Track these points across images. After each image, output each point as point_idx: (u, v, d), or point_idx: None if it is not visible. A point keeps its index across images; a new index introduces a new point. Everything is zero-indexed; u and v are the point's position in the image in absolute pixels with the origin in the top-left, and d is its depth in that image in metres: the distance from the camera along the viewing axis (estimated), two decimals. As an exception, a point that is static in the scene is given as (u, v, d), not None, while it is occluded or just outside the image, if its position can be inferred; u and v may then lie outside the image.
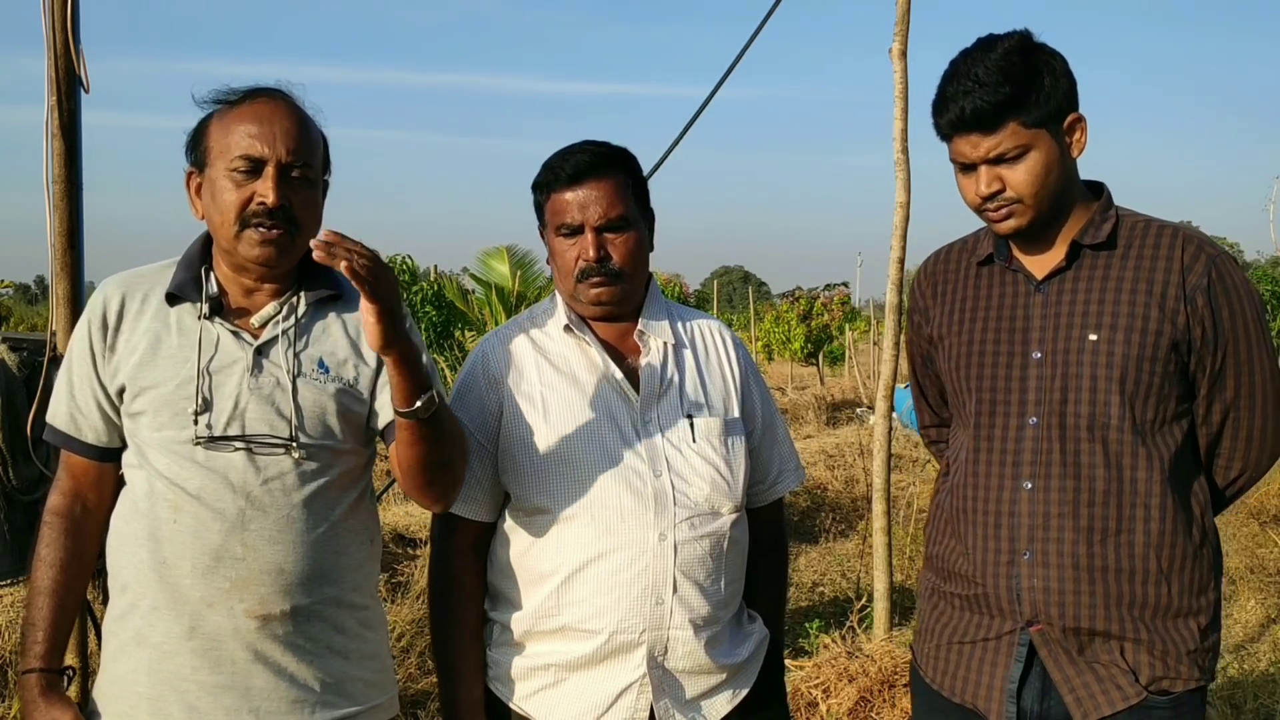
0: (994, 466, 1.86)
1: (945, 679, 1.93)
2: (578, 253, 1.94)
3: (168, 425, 1.72)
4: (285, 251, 1.75)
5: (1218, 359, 1.80)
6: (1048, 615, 1.80)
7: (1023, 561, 1.82)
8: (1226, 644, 5.14)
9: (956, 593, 1.93)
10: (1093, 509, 1.78)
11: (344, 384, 1.80)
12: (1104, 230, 1.83)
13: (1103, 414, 1.78)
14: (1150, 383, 1.78)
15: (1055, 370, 1.82)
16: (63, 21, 2.61)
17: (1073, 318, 1.82)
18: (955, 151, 1.82)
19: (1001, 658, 1.85)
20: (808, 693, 4.09)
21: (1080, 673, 1.81)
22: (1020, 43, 1.77)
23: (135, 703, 1.73)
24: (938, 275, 2.04)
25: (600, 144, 1.99)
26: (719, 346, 2.07)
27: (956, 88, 1.76)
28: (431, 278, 11.26)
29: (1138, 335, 1.77)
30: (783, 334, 20.07)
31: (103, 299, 1.79)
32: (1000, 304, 1.90)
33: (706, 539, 1.90)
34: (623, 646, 1.86)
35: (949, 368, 1.96)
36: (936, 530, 2.01)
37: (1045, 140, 1.76)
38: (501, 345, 2.02)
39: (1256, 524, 7.03)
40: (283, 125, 1.73)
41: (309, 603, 1.75)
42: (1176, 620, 1.80)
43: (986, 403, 1.88)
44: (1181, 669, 1.79)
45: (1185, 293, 1.77)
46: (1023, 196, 1.78)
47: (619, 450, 1.90)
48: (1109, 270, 1.82)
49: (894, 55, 4.31)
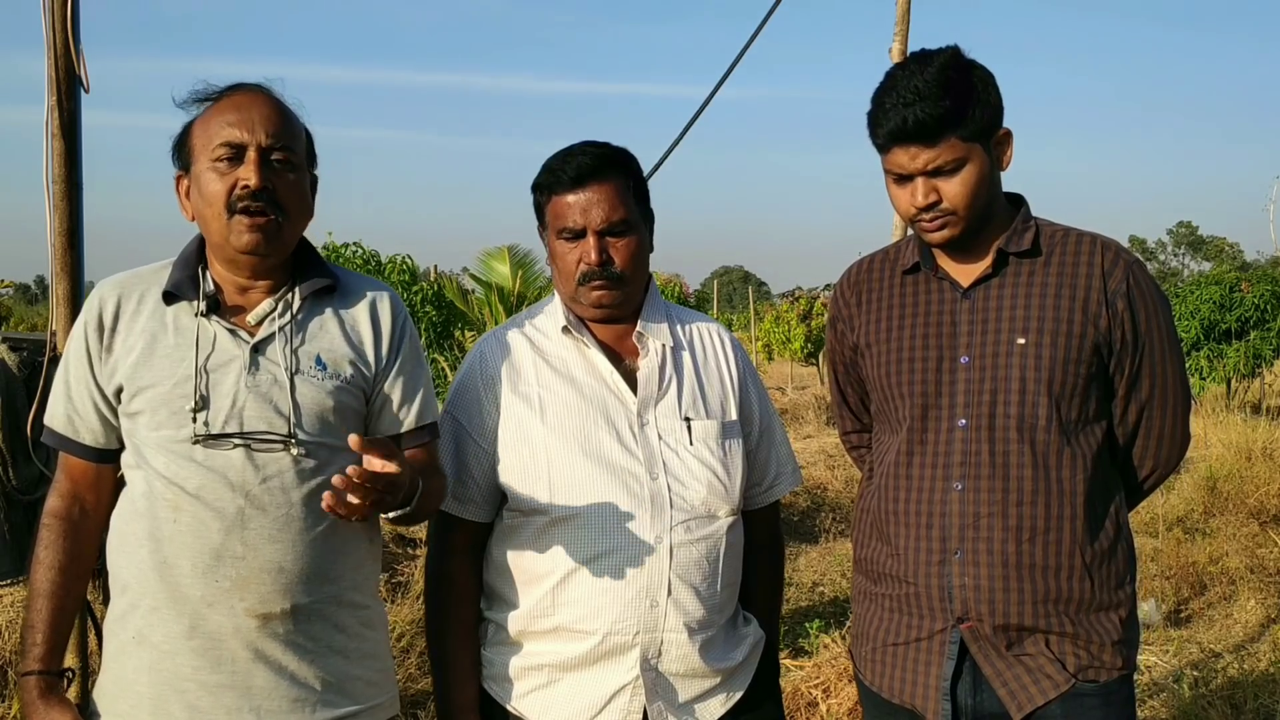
0: (925, 469, 1.91)
1: (884, 681, 1.97)
2: (579, 256, 1.94)
3: (165, 424, 1.72)
4: (274, 238, 1.75)
5: (1135, 360, 1.88)
6: (978, 612, 1.84)
7: (954, 560, 1.86)
8: (1226, 644, 5.14)
9: (886, 593, 1.96)
10: (1021, 508, 1.83)
11: (342, 381, 1.80)
12: (1026, 238, 1.89)
13: (1031, 415, 1.84)
14: (1075, 384, 1.84)
15: (984, 374, 1.87)
16: (63, 21, 2.61)
17: (1000, 323, 1.87)
18: (892, 162, 1.85)
19: (935, 656, 1.89)
20: (808, 693, 4.09)
21: (1010, 666, 1.85)
22: (954, 58, 1.81)
23: (136, 702, 1.73)
24: (861, 284, 2.08)
25: (601, 145, 1.98)
26: (717, 349, 2.08)
27: (896, 99, 1.79)
28: (431, 278, 11.24)
29: (1064, 339, 1.83)
30: (783, 334, 20.05)
31: (99, 300, 1.79)
32: (927, 310, 1.95)
33: (702, 542, 1.90)
34: (616, 648, 1.86)
35: (878, 374, 2.00)
36: (863, 534, 2.05)
37: (978, 154, 1.82)
38: (499, 346, 2.02)
39: (1256, 524, 7.03)
40: (261, 111, 1.74)
41: (309, 601, 1.75)
42: (1099, 614, 1.86)
43: (919, 407, 1.92)
44: (1104, 657, 1.85)
45: (1107, 297, 1.85)
46: (957, 208, 1.83)
47: (616, 452, 1.90)
48: (1033, 277, 1.88)
49: (894, 55, 4.31)
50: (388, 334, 1.87)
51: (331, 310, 1.84)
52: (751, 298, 27.55)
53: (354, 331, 1.84)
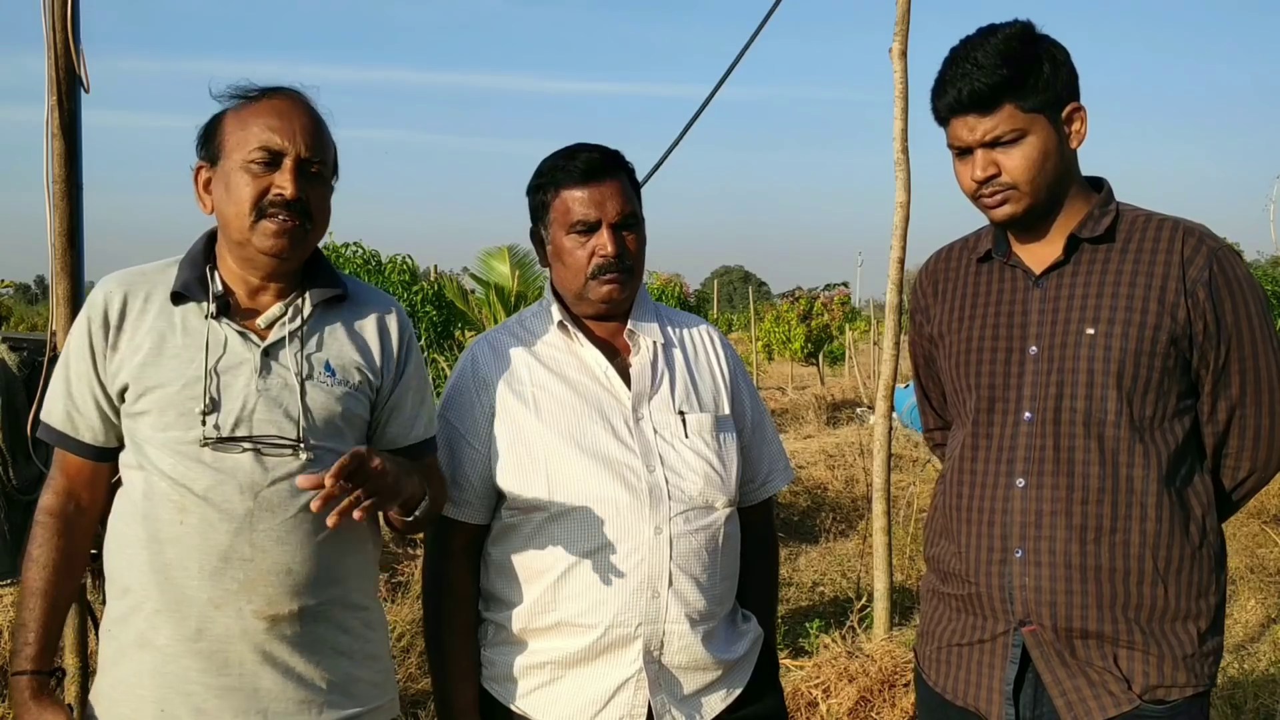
0: (989, 464, 1.85)
1: (947, 681, 1.93)
2: (592, 250, 1.94)
3: (173, 425, 1.71)
4: (299, 243, 1.75)
5: (1221, 354, 1.77)
6: (1039, 615, 1.78)
7: (1014, 560, 1.80)
8: (1226, 644, 5.13)
9: (952, 593, 1.92)
10: (1086, 507, 1.75)
11: (350, 387, 1.80)
12: (1103, 224, 1.80)
13: (1099, 409, 1.75)
14: (1149, 378, 1.75)
15: (1051, 365, 1.79)
16: (63, 21, 2.61)
17: (1070, 312, 1.79)
18: (952, 135, 1.81)
19: (998, 660, 1.83)
20: (808, 693, 4.09)
21: (1072, 676, 1.77)
22: (1022, 30, 1.77)
23: (139, 706, 1.72)
24: (939, 274, 2.03)
25: (601, 146, 2.00)
26: (707, 346, 2.09)
27: (956, 71, 1.76)
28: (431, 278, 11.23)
29: (1135, 329, 1.74)
30: (783, 334, 20.06)
31: (104, 296, 1.77)
32: (999, 300, 1.89)
33: (701, 533, 1.91)
34: (619, 641, 1.86)
35: (948, 365, 1.95)
36: (933, 532, 2.00)
37: (1042, 126, 1.75)
38: (491, 348, 2.03)
39: (1257, 524, 7.03)
40: (301, 121, 1.74)
41: (315, 603, 1.75)
42: (1174, 623, 1.76)
43: (985, 399, 1.86)
44: (1178, 676, 1.75)
45: (1185, 286, 1.74)
46: (1018, 182, 1.76)
47: (612, 447, 1.91)
48: (1107, 264, 1.79)
49: (894, 55, 4.31)
50: (395, 349, 1.87)
51: (341, 319, 1.84)
52: (751, 298, 27.51)
53: (362, 342, 1.84)
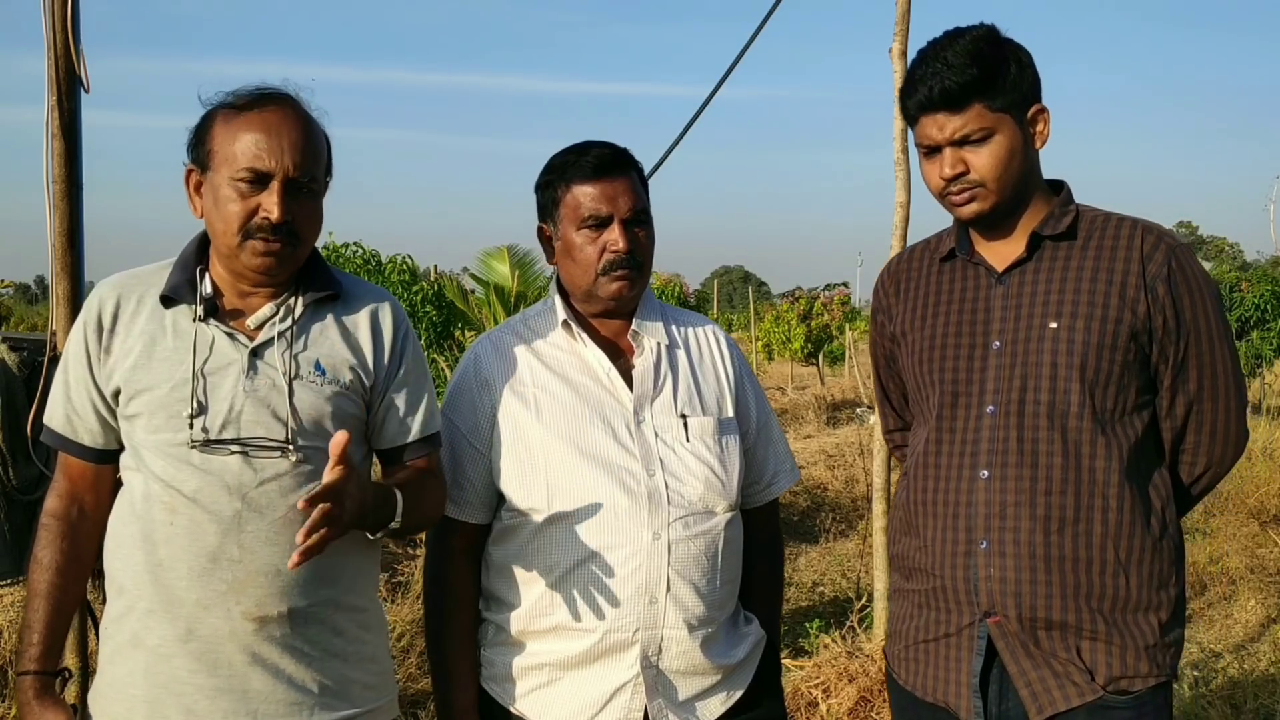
0: (953, 458, 1.87)
1: (916, 679, 1.94)
2: (603, 245, 1.93)
3: (163, 428, 1.72)
4: (285, 263, 1.75)
5: (1180, 349, 1.81)
6: (1004, 606, 1.80)
7: (979, 551, 1.82)
8: (1226, 644, 5.14)
9: (916, 589, 1.94)
10: (1049, 498, 1.78)
11: (341, 386, 1.79)
12: (1064, 222, 1.85)
13: (1062, 402, 1.79)
14: (1110, 371, 1.79)
15: (1014, 359, 1.83)
16: (63, 21, 2.61)
17: (1033, 307, 1.83)
18: (921, 134, 1.84)
19: (964, 653, 1.85)
20: (808, 693, 4.09)
21: (1037, 667, 1.79)
22: (988, 33, 1.81)
23: (131, 705, 1.72)
24: (901, 274, 2.06)
25: (611, 143, 1.99)
26: (712, 348, 2.08)
27: (926, 70, 1.79)
28: (431, 278, 11.23)
29: (1098, 323, 1.78)
30: (783, 334, 20.05)
31: (98, 301, 1.78)
32: (962, 297, 1.92)
33: (701, 538, 1.90)
34: (616, 645, 1.86)
35: (911, 363, 1.97)
36: (895, 530, 2.02)
37: (1009, 126, 1.79)
38: (493, 348, 2.02)
39: (1257, 524, 7.03)
40: (290, 137, 1.71)
41: (306, 605, 1.74)
42: (1136, 614, 1.79)
43: (948, 394, 1.89)
44: (1141, 666, 1.78)
45: (1145, 281, 1.79)
46: (985, 180, 1.80)
47: (612, 449, 1.90)
48: (1069, 260, 1.84)
49: (894, 55, 4.30)
50: (389, 342, 1.86)
51: (333, 316, 1.83)
52: (751, 298, 27.54)
53: (355, 338, 1.83)
